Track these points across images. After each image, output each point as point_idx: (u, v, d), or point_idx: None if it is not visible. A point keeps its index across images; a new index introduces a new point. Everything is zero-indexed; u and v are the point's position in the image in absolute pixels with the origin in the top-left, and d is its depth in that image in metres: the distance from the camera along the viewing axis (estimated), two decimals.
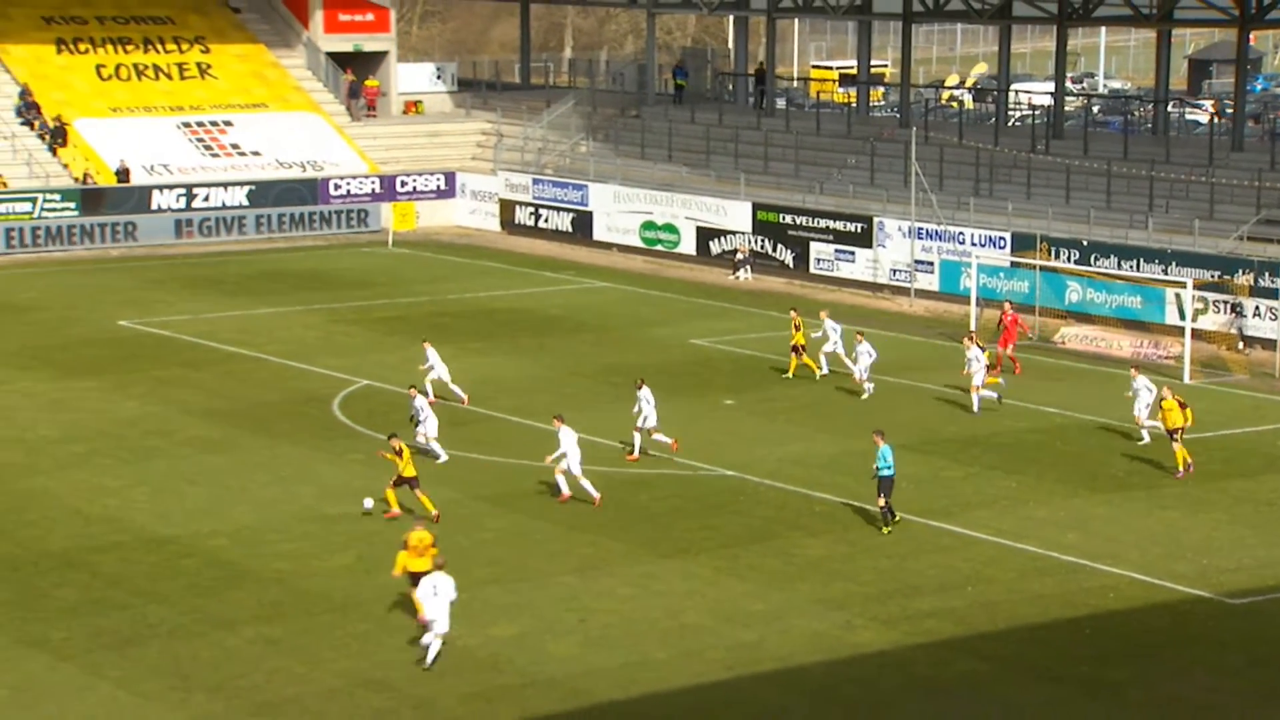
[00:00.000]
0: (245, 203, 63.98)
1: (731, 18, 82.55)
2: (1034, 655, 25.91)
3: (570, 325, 49.94)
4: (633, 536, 30.85)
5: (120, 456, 35.31)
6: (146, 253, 60.53)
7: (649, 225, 62.16)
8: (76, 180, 62.27)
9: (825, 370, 42.46)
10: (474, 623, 26.54)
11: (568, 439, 32.13)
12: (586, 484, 32.31)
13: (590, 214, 63.87)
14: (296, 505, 32.30)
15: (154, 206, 62.39)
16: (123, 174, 62.84)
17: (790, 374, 42.39)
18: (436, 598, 24.46)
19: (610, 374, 43.50)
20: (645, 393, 35.27)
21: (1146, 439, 36.64)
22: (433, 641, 24.57)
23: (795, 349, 42.28)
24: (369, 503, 31.01)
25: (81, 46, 68.62)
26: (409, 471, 31.16)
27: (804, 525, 31.50)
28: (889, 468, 30.82)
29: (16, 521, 31.00)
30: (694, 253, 60.54)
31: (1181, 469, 34.41)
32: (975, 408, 39.45)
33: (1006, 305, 44.66)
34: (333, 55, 72.63)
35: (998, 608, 27.67)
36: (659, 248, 61.64)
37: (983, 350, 39.72)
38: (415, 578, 25.29)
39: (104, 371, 42.49)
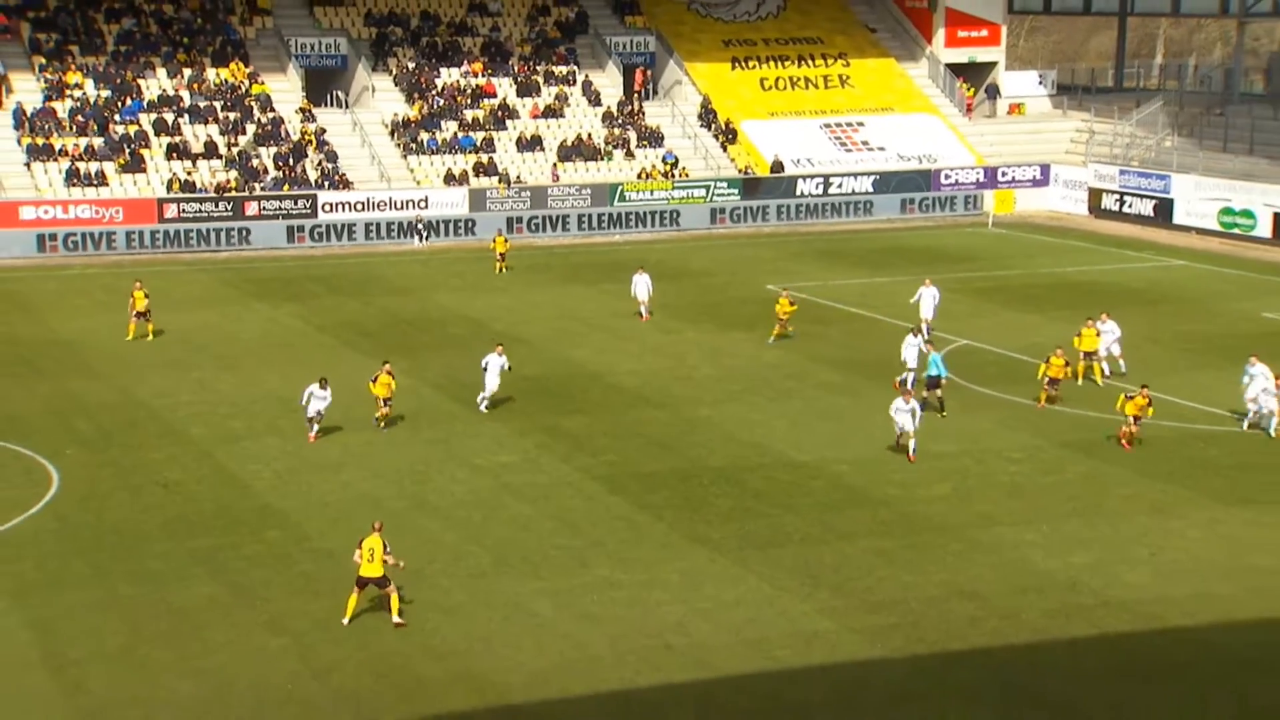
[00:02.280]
0: (871, 190, 64.39)
1: None
2: None
3: (1150, 298, 47.49)
4: (1201, 486, 29.14)
5: (765, 394, 36.25)
6: (791, 230, 62.00)
7: (1227, 211, 58.26)
8: (740, 171, 64.48)
9: (1123, 370, 37.22)
10: (1055, 550, 25.84)
11: (910, 351, 35.20)
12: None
13: (1171, 200, 60.51)
14: None
15: (799, 192, 63.80)
16: (776, 166, 64.57)
17: None
18: None
19: (1185, 341, 41.14)
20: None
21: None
22: None
23: None
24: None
25: (750, 64, 70.71)
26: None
27: None
28: None
29: (687, 442, 32.43)
30: (1270, 236, 56.31)
31: None
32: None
33: None
34: (950, 66, 71.85)
35: None
36: (1235, 231, 57.66)
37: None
38: None
39: (753, 326, 43.80)
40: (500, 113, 64.74)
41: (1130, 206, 62.18)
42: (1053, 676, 21.44)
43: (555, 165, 62.23)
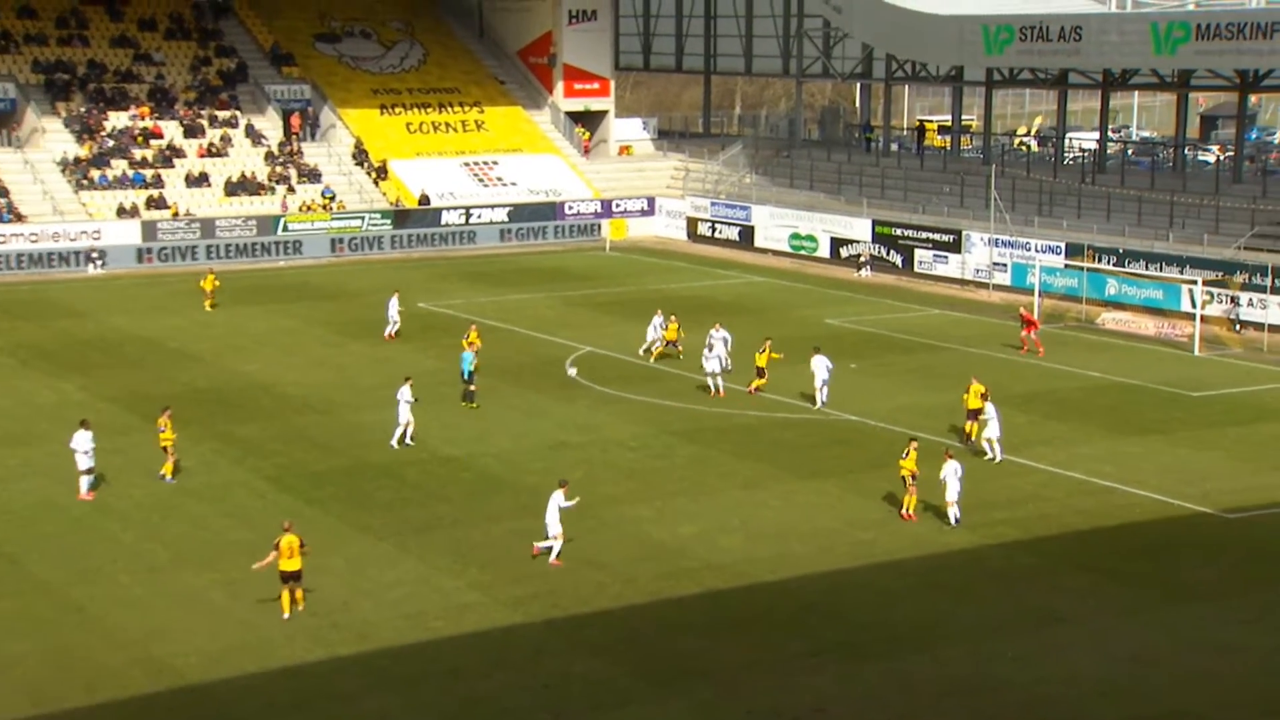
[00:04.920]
0: (506, 219, 64.70)
1: (859, 84, 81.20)
2: (1078, 553, 25.23)
3: (737, 308, 49.56)
4: (781, 463, 30.62)
5: (421, 398, 35.81)
6: (438, 255, 61.58)
7: (795, 235, 61.48)
8: (391, 204, 63.53)
9: (729, 368, 37.25)
10: (666, 523, 26.59)
11: (819, 365, 34.27)
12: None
13: (752, 227, 63.33)
14: (540, 436, 32.58)
15: (443, 222, 63.43)
16: (423, 199, 63.97)
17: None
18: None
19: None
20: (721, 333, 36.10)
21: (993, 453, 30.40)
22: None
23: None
24: None
25: (397, 110, 69.81)
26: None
27: None
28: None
29: (350, 443, 31.78)
30: (828, 256, 59.76)
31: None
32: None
33: (1022, 308, 43.67)
34: (569, 113, 73.00)
35: (1051, 519, 26.98)
36: (802, 252, 60.93)
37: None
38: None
39: (411, 339, 43.30)
40: (168, 152, 61.63)
41: (720, 232, 64.77)
42: (665, 629, 22.05)
43: (285, 198, 59.90)
